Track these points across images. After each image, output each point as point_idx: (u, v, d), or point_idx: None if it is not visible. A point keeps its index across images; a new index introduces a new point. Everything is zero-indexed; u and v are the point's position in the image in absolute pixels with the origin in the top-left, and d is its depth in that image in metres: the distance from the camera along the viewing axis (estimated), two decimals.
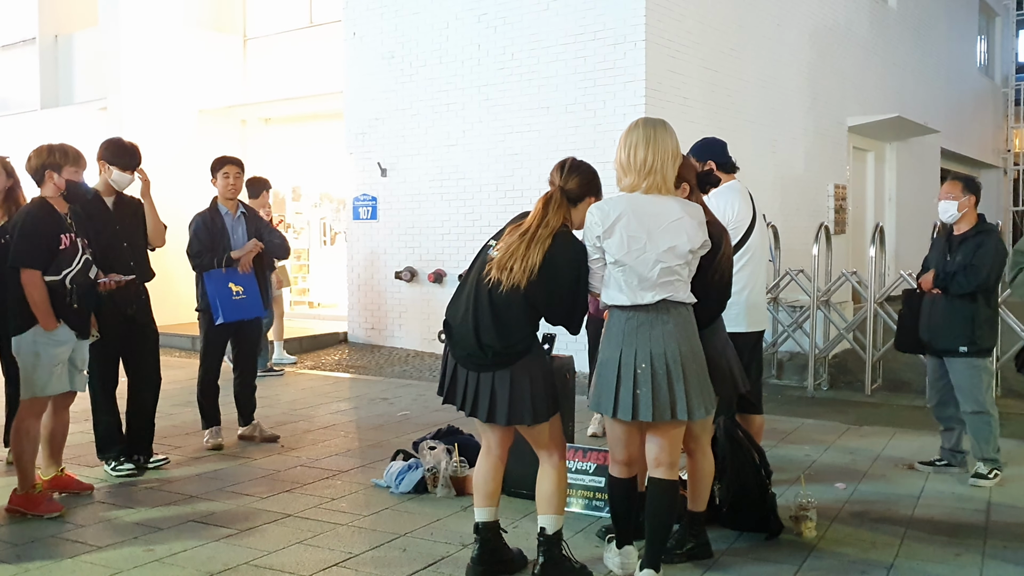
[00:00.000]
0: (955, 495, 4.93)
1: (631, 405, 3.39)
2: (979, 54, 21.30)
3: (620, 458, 3.60)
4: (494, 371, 3.51)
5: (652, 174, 3.43)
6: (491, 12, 9.70)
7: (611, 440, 3.63)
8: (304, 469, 5.45)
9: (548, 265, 3.45)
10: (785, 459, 5.57)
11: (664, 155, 3.45)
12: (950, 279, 5.07)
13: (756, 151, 10.30)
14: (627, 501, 3.68)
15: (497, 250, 3.53)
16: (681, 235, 3.38)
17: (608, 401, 3.44)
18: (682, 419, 3.41)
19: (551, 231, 3.48)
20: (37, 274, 4.45)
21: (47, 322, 4.47)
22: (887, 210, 15.21)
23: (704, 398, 3.45)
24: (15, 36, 14.60)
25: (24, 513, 4.49)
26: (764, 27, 10.95)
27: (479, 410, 3.55)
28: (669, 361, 3.37)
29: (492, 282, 3.47)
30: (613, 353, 3.45)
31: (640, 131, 3.48)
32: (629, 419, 3.42)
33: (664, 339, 3.38)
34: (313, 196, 13.74)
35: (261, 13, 13.36)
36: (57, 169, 4.61)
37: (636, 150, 3.45)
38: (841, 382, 8.45)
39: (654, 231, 3.37)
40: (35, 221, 4.52)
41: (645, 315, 3.40)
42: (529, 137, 9.46)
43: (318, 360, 10.13)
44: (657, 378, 3.37)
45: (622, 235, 3.37)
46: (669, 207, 3.43)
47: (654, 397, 3.37)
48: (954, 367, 5.13)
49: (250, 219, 6.14)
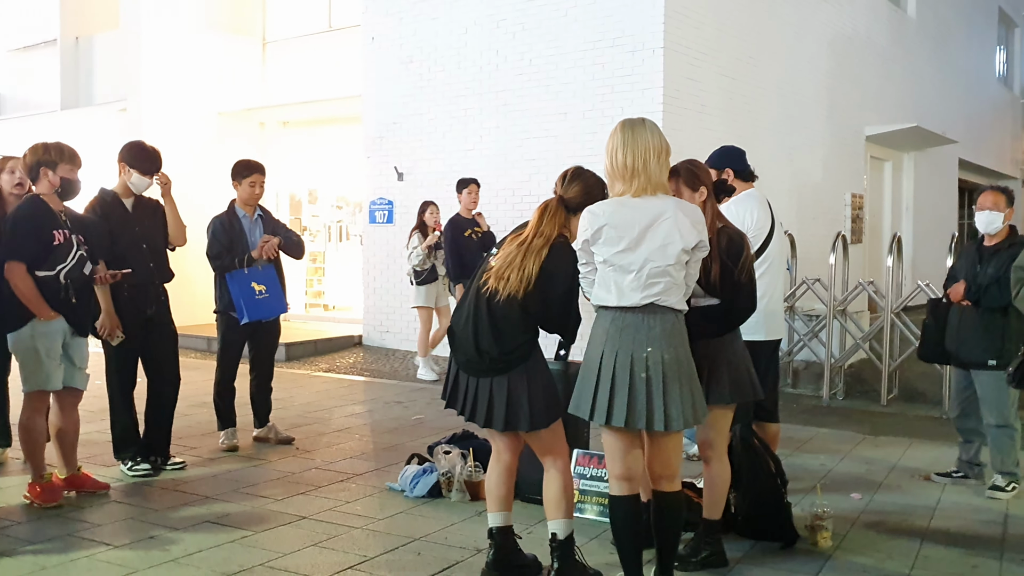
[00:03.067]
0: (972, 507, 4.89)
1: (606, 409, 3.28)
2: (998, 64, 21.18)
3: (616, 472, 3.42)
4: (492, 377, 3.53)
5: (636, 176, 3.30)
6: (510, 18, 9.72)
7: (606, 452, 3.46)
8: (319, 471, 5.47)
9: (544, 275, 3.46)
10: (801, 468, 5.54)
11: (645, 154, 3.30)
12: (982, 292, 5.01)
13: (773, 159, 10.27)
14: (629, 524, 3.43)
15: (496, 259, 3.55)
16: (673, 234, 3.25)
17: (586, 404, 3.34)
18: (657, 429, 3.27)
19: (546, 240, 3.49)
20: (22, 266, 4.52)
21: (42, 311, 4.53)
22: (904, 220, 15.14)
23: (686, 409, 3.28)
24: (37, 37, 14.74)
25: (31, 502, 4.64)
26: (783, 35, 10.93)
27: (477, 415, 3.58)
28: (650, 367, 3.25)
29: (490, 291, 3.50)
30: (595, 354, 3.35)
31: (619, 135, 3.37)
32: (603, 423, 3.33)
33: (648, 344, 3.26)
34: (330, 199, 13.80)
35: (280, 17, 13.44)
36: (52, 167, 4.67)
37: (616, 155, 3.34)
38: (857, 392, 8.40)
39: (643, 230, 3.25)
40: (27, 216, 4.60)
41: (632, 317, 3.28)
42: (546, 143, 9.46)
43: (333, 363, 10.16)
44: (635, 383, 3.25)
45: (609, 235, 3.27)
46: (659, 206, 3.29)
47: (630, 403, 3.24)
48: (980, 379, 5.09)
49: (267, 221, 6.17)
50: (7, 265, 4.54)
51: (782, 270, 4.95)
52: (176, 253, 5.56)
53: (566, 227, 3.56)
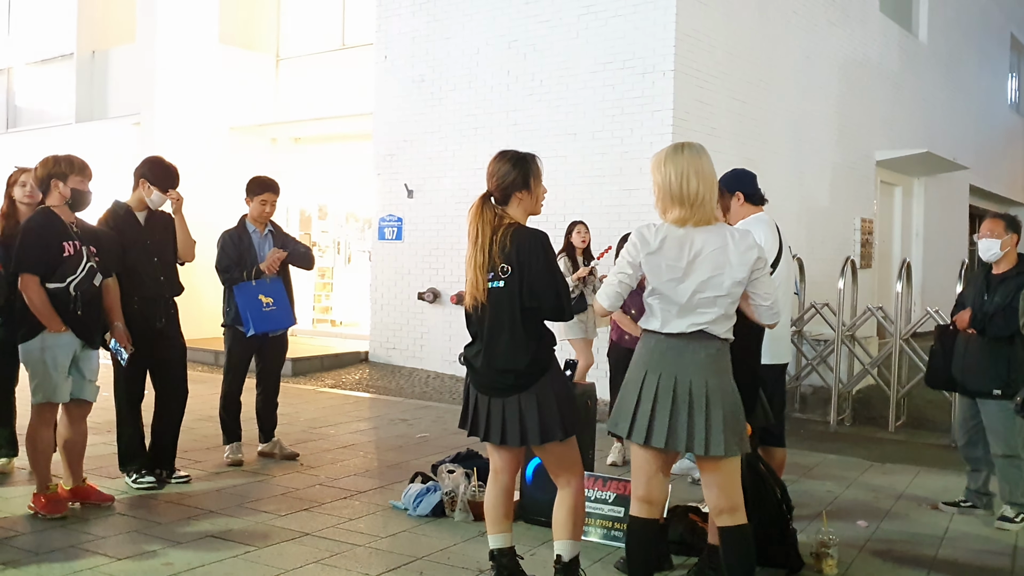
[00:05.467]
0: (980, 537, 4.85)
1: (646, 429, 3.27)
2: (1010, 91, 21.18)
3: (639, 493, 3.41)
4: (519, 394, 3.50)
5: (703, 206, 3.28)
6: (521, 39, 9.79)
7: (633, 472, 3.47)
8: (323, 488, 5.46)
9: (510, 259, 3.46)
10: (807, 494, 5.51)
11: (712, 184, 3.31)
12: (988, 320, 4.99)
13: (783, 183, 10.28)
14: (644, 548, 3.41)
15: (466, 284, 3.58)
16: (723, 266, 3.25)
17: (625, 422, 3.34)
18: (698, 453, 3.26)
19: (492, 229, 3.50)
20: (35, 279, 4.55)
21: (52, 324, 4.56)
22: (914, 245, 15.10)
23: (729, 436, 3.24)
24: (54, 51, 14.91)
25: (36, 512, 4.65)
26: (793, 59, 10.96)
27: (508, 434, 3.52)
28: (694, 391, 3.25)
29: (479, 308, 3.52)
30: (638, 374, 3.34)
31: (685, 158, 3.30)
32: (641, 443, 3.31)
33: (693, 368, 3.26)
34: (340, 215, 13.86)
35: (294, 34, 13.57)
36: (63, 179, 4.70)
37: (688, 180, 3.27)
38: (864, 418, 8.35)
39: (693, 262, 3.25)
40: (38, 228, 4.64)
41: (676, 341, 3.28)
42: (555, 163, 9.47)
43: (339, 379, 10.16)
44: (678, 405, 3.25)
45: (660, 264, 3.26)
46: (712, 237, 3.29)
47: (671, 425, 3.24)
48: (987, 409, 5.06)
49: (277, 236, 6.20)
50: (21, 277, 4.57)
51: (790, 294, 4.94)
52: (185, 267, 5.59)
53: (508, 215, 3.57)
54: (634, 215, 8.69)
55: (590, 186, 9.18)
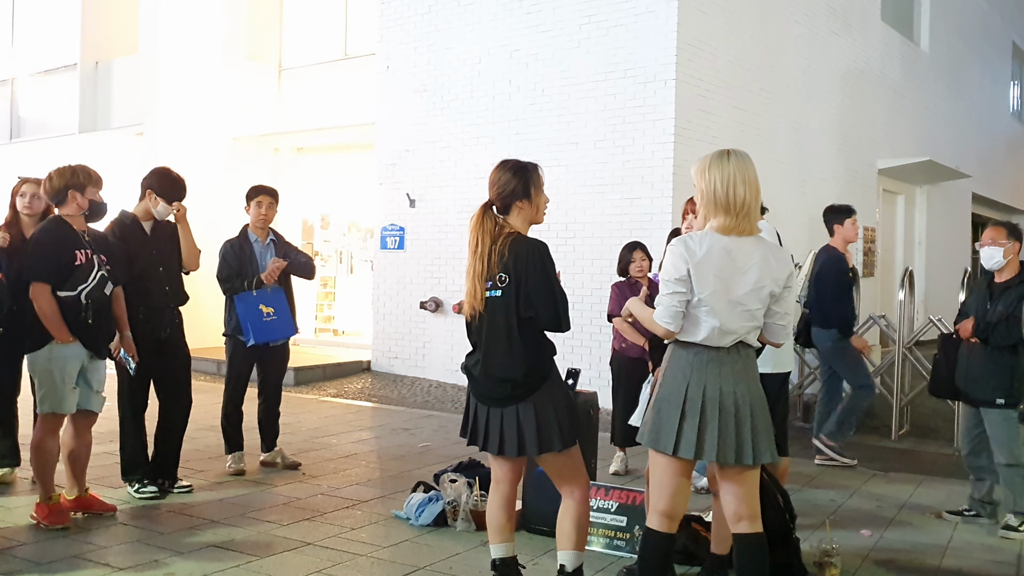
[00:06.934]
0: (984, 546, 4.83)
1: (695, 442, 3.17)
2: (1012, 99, 21.19)
3: (661, 507, 3.29)
4: (517, 404, 3.49)
5: (748, 216, 3.23)
6: (523, 48, 9.81)
7: (655, 485, 3.34)
8: (325, 497, 5.45)
9: (507, 268, 3.46)
10: (809, 503, 5.49)
11: (758, 193, 3.27)
12: (990, 330, 4.98)
13: (785, 192, 10.28)
14: (658, 560, 3.32)
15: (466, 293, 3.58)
16: (765, 277, 3.21)
17: (668, 438, 3.21)
18: (747, 463, 3.19)
19: (492, 239, 3.51)
20: (46, 288, 4.55)
21: (60, 334, 4.55)
22: (917, 254, 15.09)
23: (769, 442, 3.24)
24: (57, 61, 14.95)
25: (38, 522, 4.64)
26: (795, 68, 10.98)
27: (506, 445, 3.51)
28: (739, 401, 3.19)
29: (478, 315, 3.51)
30: (679, 387, 3.23)
31: (732, 165, 3.25)
32: (691, 457, 3.19)
33: (733, 378, 3.21)
34: (342, 225, 13.88)
35: (297, 44, 13.60)
36: (81, 190, 4.72)
37: (735, 188, 3.21)
38: (867, 427, 8.32)
39: (742, 272, 3.20)
40: (50, 237, 4.65)
41: (718, 352, 3.23)
42: (557, 172, 9.49)
43: (341, 388, 10.16)
44: (724, 417, 3.18)
45: (708, 274, 3.18)
46: (756, 247, 3.25)
47: (720, 436, 3.16)
48: (990, 418, 5.04)
49: (279, 245, 6.21)
50: (33, 286, 4.56)
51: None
52: (187, 276, 5.59)
53: (509, 224, 3.58)
54: (636, 224, 8.69)
55: (592, 195, 9.19)
